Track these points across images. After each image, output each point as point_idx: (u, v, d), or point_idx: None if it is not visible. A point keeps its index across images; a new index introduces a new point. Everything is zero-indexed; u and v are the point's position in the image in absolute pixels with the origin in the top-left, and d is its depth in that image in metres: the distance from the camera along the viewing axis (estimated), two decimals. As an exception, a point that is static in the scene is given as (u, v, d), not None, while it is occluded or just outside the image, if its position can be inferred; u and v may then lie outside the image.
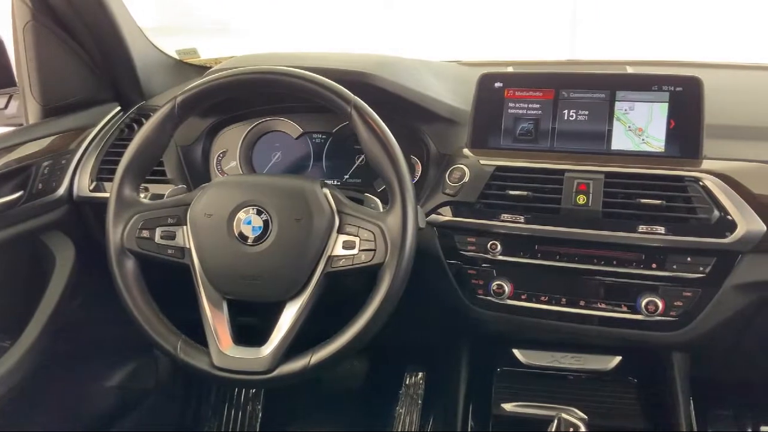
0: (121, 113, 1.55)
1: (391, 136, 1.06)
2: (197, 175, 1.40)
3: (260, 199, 1.07)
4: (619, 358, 1.36)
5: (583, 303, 1.21)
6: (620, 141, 1.21)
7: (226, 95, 1.13)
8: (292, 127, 1.41)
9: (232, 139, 1.44)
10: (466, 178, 1.23)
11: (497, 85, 1.27)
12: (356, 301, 1.05)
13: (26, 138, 1.35)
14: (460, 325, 1.39)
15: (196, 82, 1.12)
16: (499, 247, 1.22)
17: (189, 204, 1.11)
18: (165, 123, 1.11)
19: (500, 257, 1.22)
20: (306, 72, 1.07)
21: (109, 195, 1.12)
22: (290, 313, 1.05)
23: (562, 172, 1.19)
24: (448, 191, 1.24)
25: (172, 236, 1.10)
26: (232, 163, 1.43)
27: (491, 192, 1.22)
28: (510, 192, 1.20)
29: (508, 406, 1.42)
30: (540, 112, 1.25)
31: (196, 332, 1.09)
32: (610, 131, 1.21)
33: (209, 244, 1.08)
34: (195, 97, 1.11)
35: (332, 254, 1.05)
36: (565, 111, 1.24)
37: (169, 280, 1.12)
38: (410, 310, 1.24)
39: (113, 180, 1.12)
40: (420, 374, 1.84)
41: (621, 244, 1.16)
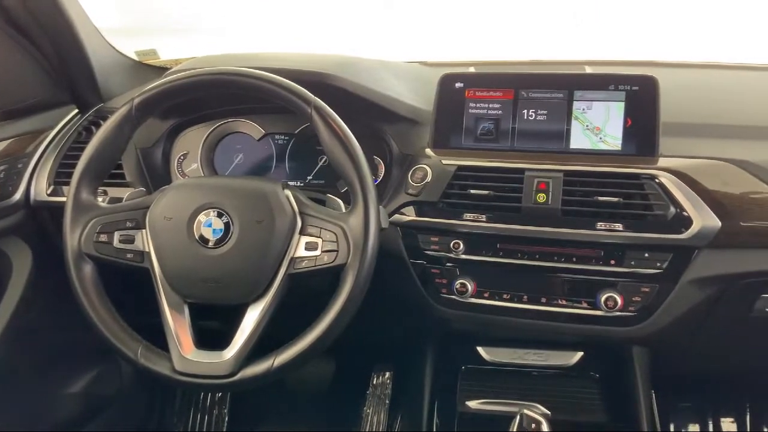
0: (79, 116, 1.52)
1: (351, 136, 1.06)
2: (157, 178, 1.38)
3: (221, 201, 1.06)
4: (581, 354, 1.38)
5: (544, 300, 1.22)
6: (578, 140, 1.22)
7: (184, 96, 1.12)
8: (254, 129, 1.41)
9: (193, 140, 1.42)
10: (429, 178, 1.24)
11: (458, 85, 1.28)
12: (320, 302, 1.05)
13: (-20, 142, 1.32)
14: (424, 324, 1.39)
15: (154, 84, 1.11)
16: (462, 246, 1.23)
17: (148, 207, 1.09)
18: (122, 125, 1.10)
19: (463, 256, 1.23)
20: (265, 73, 1.07)
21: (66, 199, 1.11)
22: (253, 316, 1.04)
23: (522, 171, 1.20)
24: (410, 191, 1.25)
25: (131, 240, 1.09)
26: (194, 165, 1.42)
27: (453, 191, 1.22)
28: (472, 191, 1.21)
29: (472, 404, 1.43)
30: (500, 111, 1.26)
31: (158, 337, 1.08)
32: (568, 130, 1.23)
33: (169, 247, 1.06)
34: (153, 99, 1.10)
35: (294, 256, 1.04)
36: (525, 111, 1.25)
37: (129, 285, 1.11)
38: (375, 310, 1.24)
39: (70, 184, 1.10)
40: (387, 374, 1.84)
41: (580, 241, 1.18)
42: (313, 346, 1.02)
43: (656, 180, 1.14)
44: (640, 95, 1.19)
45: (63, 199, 1.29)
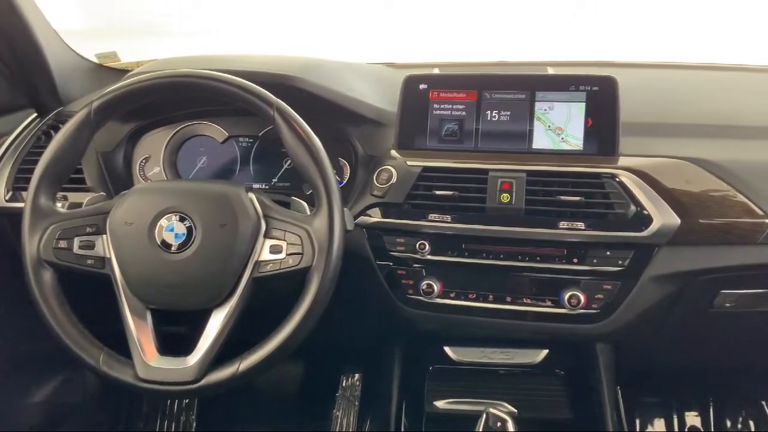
0: (38, 120, 1.49)
1: (315, 138, 1.05)
2: (119, 182, 1.36)
3: (183, 205, 1.05)
4: (546, 351, 1.40)
5: (509, 299, 1.23)
6: (541, 140, 1.24)
7: (144, 99, 1.10)
8: (217, 131, 1.39)
9: (155, 144, 1.41)
10: (394, 179, 1.24)
11: (422, 86, 1.28)
12: (286, 305, 1.04)
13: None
14: (392, 325, 1.40)
15: (113, 87, 1.09)
16: (427, 247, 1.23)
17: (108, 212, 1.08)
18: (81, 129, 1.08)
19: (429, 257, 1.24)
20: (226, 75, 1.06)
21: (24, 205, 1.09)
22: (217, 321, 1.03)
23: (486, 171, 1.21)
24: (376, 193, 1.25)
25: (91, 246, 1.07)
26: (156, 169, 1.40)
27: (418, 192, 1.23)
28: (437, 192, 1.22)
29: (440, 404, 1.44)
30: (464, 113, 1.27)
31: (122, 344, 1.06)
32: (531, 131, 1.24)
33: (130, 253, 1.05)
34: (112, 102, 1.08)
35: (259, 259, 1.04)
36: (488, 111, 1.26)
37: (91, 292, 1.09)
38: (343, 312, 1.25)
39: (28, 189, 1.08)
40: (356, 376, 1.84)
41: (544, 240, 1.19)
42: (278, 349, 1.02)
43: (617, 179, 1.16)
44: (600, 95, 1.21)
45: (21, 204, 1.26)
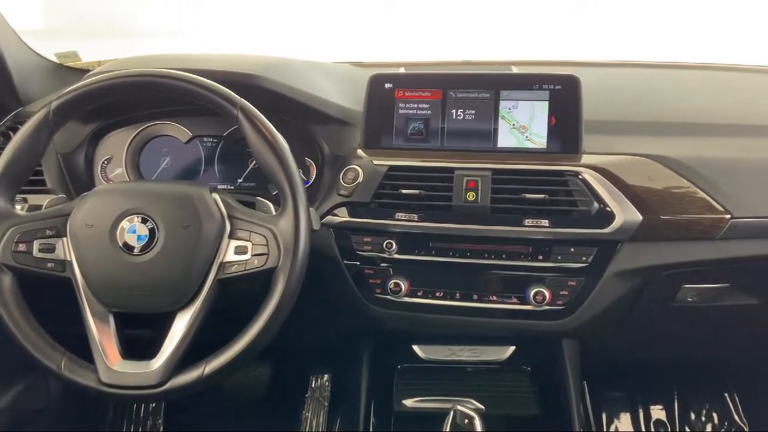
0: (-3, 120, 1.46)
1: (280, 138, 1.05)
2: (80, 184, 1.34)
3: (145, 206, 1.03)
4: (513, 348, 1.41)
5: (476, 296, 1.24)
6: (505, 139, 1.25)
7: (105, 99, 1.08)
8: (181, 131, 1.38)
9: (117, 144, 1.38)
10: (360, 179, 1.24)
11: (387, 85, 1.28)
12: (252, 306, 1.03)
13: None
14: (360, 324, 1.39)
15: (72, 86, 1.07)
16: (394, 246, 1.23)
17: (69, 214, 1.06)
18: (40, 130, 1.06)
19: (396, 256, 1.24)
20: (188, 74, 1.05)
21: None
22: (181, 324, 1.02)
23: (452, 170, 1.21)
24: (342, 192, 1.25)
25: (52, 249, 1.05)
26: (118, 170, 1.38)
27: (385, 191, 1.23)
28: (403, 191, 1.22)
29: (409, 402, 1.44)
30: (429, 112, 1.27)
31: (84, 348, 1.04)
32: (495, 129, 1.25)
33: (92, 255, 1.03)
34: (72, 102, 1.06)
35: (224, 260, 1.03)
36: (454, 110, 1.26)
37: (51, 295, 1.07)
38: (311, 313, 1.24)
39: None
40: (326, 376, 1.83)
41: (509, 237, 1.20)
42: (244, 351, 1.01)
43: (580, 176, 1.18)
44: (563, 94, 1.22)
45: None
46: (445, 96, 1.27)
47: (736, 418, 1.82)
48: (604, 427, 1.79)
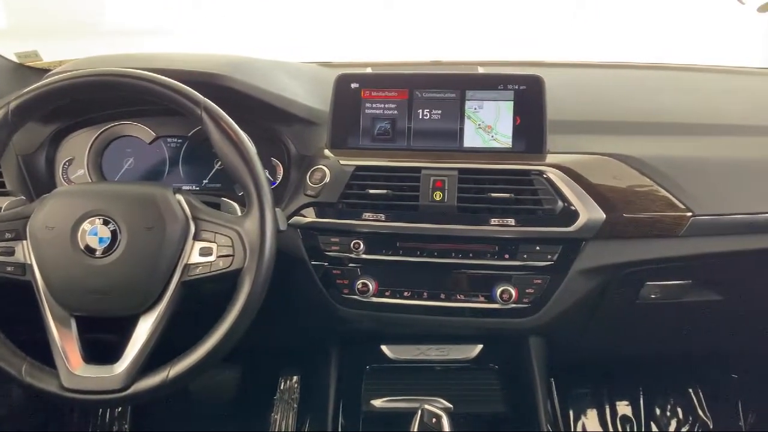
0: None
1: (244, 137, 1.04)
2: (41, 186, 1.31)
3: (106, 208, 1.02)
4: (480, 347, 1.42)
5: (443, 296, 1.25)
6: (471, 138, 1.25)
7: (65, 99, 1.06)
8: (144, 132, 1.36)
9: (79, 145, 1.36)
10: (327, 179, 1.23)
11: (354, 85, 1.28)
12: (218, 308, 1.02)
13: None
14: (328, 325, 1.39)
15: (32, 86, 1.05)
16: (362, 246, 1.23)
17: (28, 216, 1.04)
18: None
19: (364, 256, 1.24)
20: (150, 74, 1.03)
21: None
22: (145, 327, 1.01)
23: (418, 170, 1.22)
24: (309, 192, 1.24)
25: (11, 252, 1.03)
26: (80, 172, 1.35)
27: (352, 192, 1.23)
28: (370, 191, 1.22)
29: (377, 402, 1.44)
30: (396, 111, 1.27)
31: (47, 353, 1.02)
32: (461, 129, 1.25)
33: (52, 258, 1.01)
34: (31, 103, 1.04)
35: (188, 262, 1.02)
36: (420, 110, 1.27)
37: (11, 299, 1.04)
38: (279, 314, 1.23)
39: None
40: (294, 378, 1.83)
41: (476, 237, 1.21)
42: (210, 354, 1.00)
43: (544, 176, 1.19)
44: (527, 94, 1.23)
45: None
46: (411, 96, 1.27)
47: (700, 413, 1.85)
48: (572, 423, 1.82)
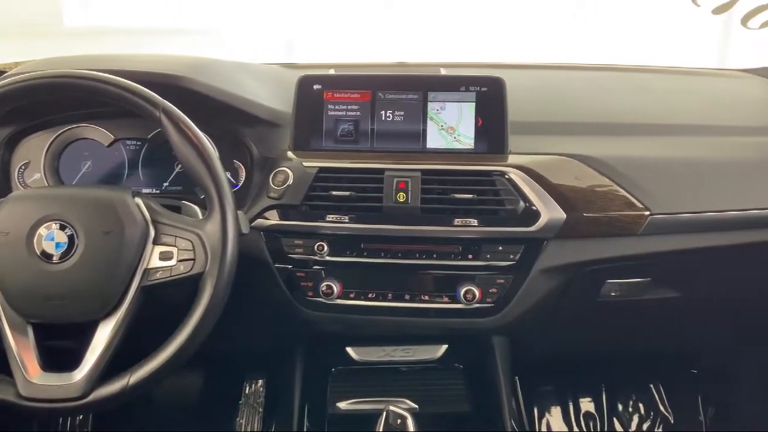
0: None
1: (204, 140, 1.03)
2: (-5, 191, 1.28)
3: (63, 212, 0.99)
4: (445, 347, 1.43)
5: (408, 297, 1.25)
6: (434, 140, 1.26)
7: (20, 101, 1.04)
8: (102, 134, 1.33)
9: (35, 148, 1.32)
10: (290, 181, 1.23)
11: (316, 87, 1.28)
12: (180, 313, 1.01)
13: None
14: (292, 328, 1.38)
15: None
16: (326, 248, 1.23)
17: None
18: None
19: (328, 258, 1.23)
20: (108, 75, 1.02)
21: None
22: (104, 333, 0.99)
23: (382, 171, 1.22)
24: (272, 194, 1.23)
25: None
26: (36, 176, 1.32)
27: (315, 193, 1.22)
28: (334, 193, 1.21)
29: (342, 405, 1.44)
30: (359, 113, 1.27)
31: (3, 361, 0.99)
32: (424, 130, 1.26)
33: (7, 265, 0.99)
34: None
35: (148, 267, 1.00)
36: (383, 112, 1.27)
37: None
38: (242, 317, 1.22)
39: None
40: (260, 382, 1.81)
41: (439, 237, 1.21)
42: (171, 360, 0.98)
43: (506, 176, 1.20)
44: (489, 96, 1.25)
45: None
46: (374, 97, 1.27)
47: (662, 409, 1.89)
48: (536, 421, 1.84)
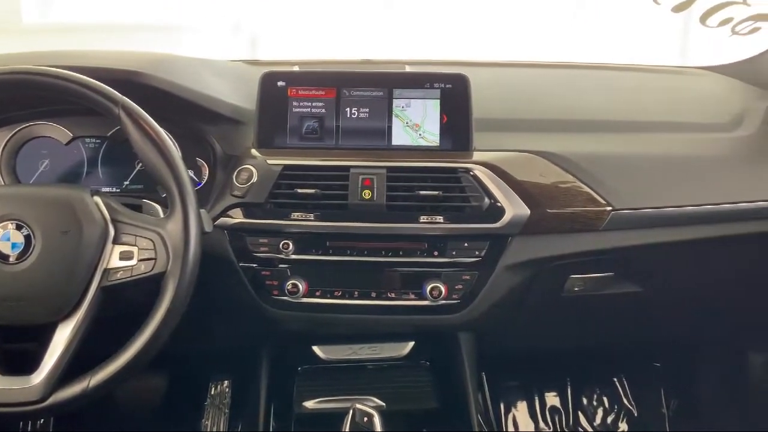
0: None
1: (165, 137, 1.01)
2: (-51, 191, 1.24)
3: (19, 212, 0.97)
4: (412, 344, 1.43)
5: (374, 294, 1.25)
6: (400, 137, 1.26)
7: None
8: (60, 132, 1.30)
9: None
10: (254, 179, 1.21)
11: (280, 83, 1.27)
12: (142, 314, 0.99)
13: None
14: (258, 327, 1.37)
15: None
16: (291, 246, 1.22)
17: None
18: None
19: (293, 256, 1.22)
20: (66, 71, 0.99)
21: None
22: (63, 335, 0.97)
23: (347, 168, 1.21)
24: (236, 193, 1.22)
25: None
26: (-8, 175, 1.29)
27: (280, 191, 1.21)
28: (299, 190, 1.20)
29: (309, 404, 1.43)
30: (324, 110, 1.26)
31: None
32: (390, 127, 1.26)
33: None
34: None
35: (108, 267, 0.98)
36: (348, 109, 1.26)
37: None
38: (207, 317, 1.20)
39: None
40: (225, 382, 1.79)
41: (405, 234, 1.21)
42: (132, 361, 0.97)
43: (471, 173, 1.20)
44: (453, 93, 1.25)
45: None
46: (339, 94, 1.26)
47: (625, 402, 1.92)
48: (502, 416, 1.85)
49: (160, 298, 0.97)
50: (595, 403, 1.92)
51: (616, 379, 1.94)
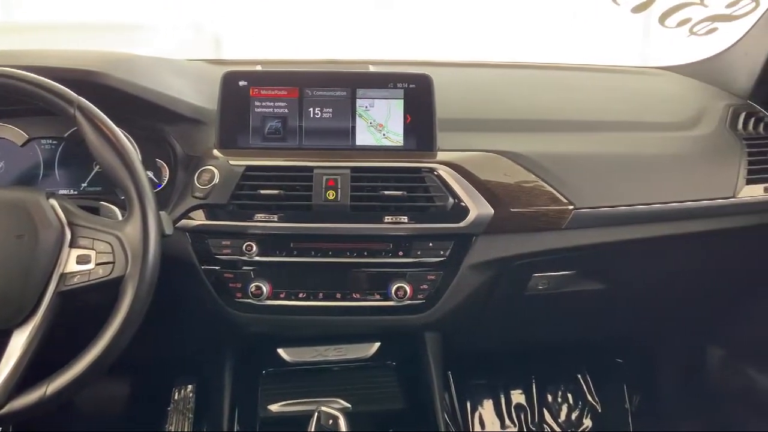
0: None
1: (122, 138, 0.99)
2: None
3: None
4: (378, 345, 1.42)
5: (339, 295, 1.24)
6: (363, 137, 1.25)
7: None
8: (15, 133, 1.26)
9: None
10: (216, 180, 1.20)
11: (242, 83, 1.25)
12: (102, 318, 0.97)
13: None
14: (221, 331, 1.35)
15: None
16: (255, 248, 1.20)
17: None
18: None
19: (257, 258, 1.21)
20: (19, 71, 0.97)
21: None
22: (19, 342, 0.94)
23: (311, 169, 1.20)
24: (197, 194, 1.20)
25: None
26: (-57, 177, 1.25)
27: (243, 192, 1.20)
28: (262, 191, 1.19)
29: (274, 407, 1.42)
30: (286, 110, 1.25)
31: None
32: (353, 127, 1.25)
33: None
34: None
35: (65, 271, 0.96)
36: (311, 109, 1.25)
37: None
38: (169, 321, 1.18)
39: None
40: (189, 387, 1.76)
41: (370, 235, 1.21)
42: (91, 367, 0.94)
43: (435, 173, 1.20)
44: (416, 93, 1.25)
45: None
46: (301, 94, 1.25)
47: (589, 398, 1.95)
48: (469, 414, 1.86)
49: (118, 302, 0.95)
50: (560, 400, 1.94)
51: (580, 376, 1.97)
